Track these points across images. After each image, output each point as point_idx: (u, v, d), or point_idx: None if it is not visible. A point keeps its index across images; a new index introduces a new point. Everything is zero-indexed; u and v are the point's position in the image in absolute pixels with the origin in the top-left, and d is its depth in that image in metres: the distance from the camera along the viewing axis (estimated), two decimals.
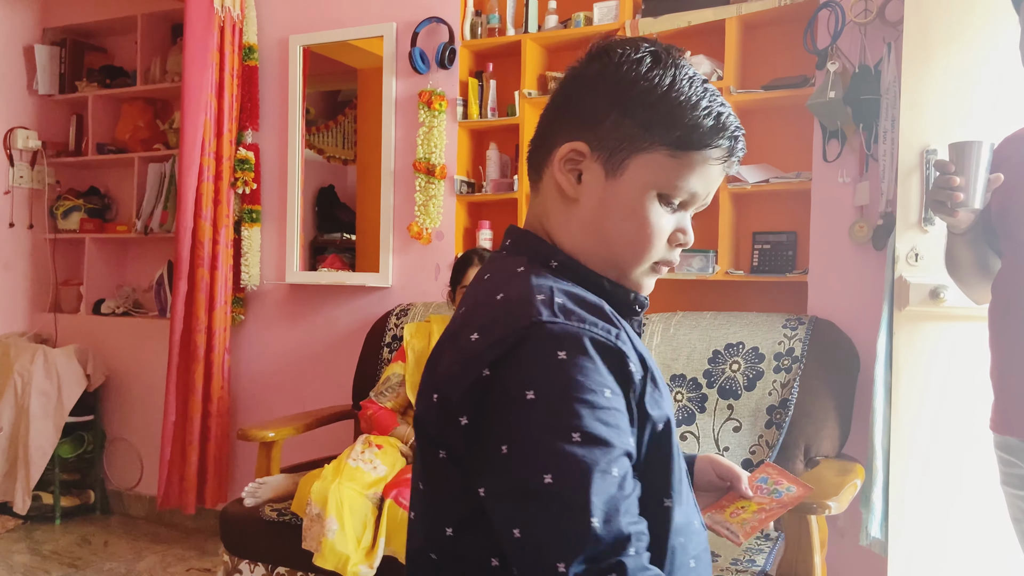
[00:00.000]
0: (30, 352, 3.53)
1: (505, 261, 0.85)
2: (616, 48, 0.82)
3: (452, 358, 0.77)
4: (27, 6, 3.97)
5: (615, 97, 0.80)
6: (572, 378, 0.71)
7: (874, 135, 2.33)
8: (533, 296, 0.76)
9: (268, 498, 2.38)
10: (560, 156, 0.83)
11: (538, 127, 0.88)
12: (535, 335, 0.72)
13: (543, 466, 0.69)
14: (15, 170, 3.89)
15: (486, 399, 0.73)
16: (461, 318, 0.81)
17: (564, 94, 0.85)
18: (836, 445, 2.25)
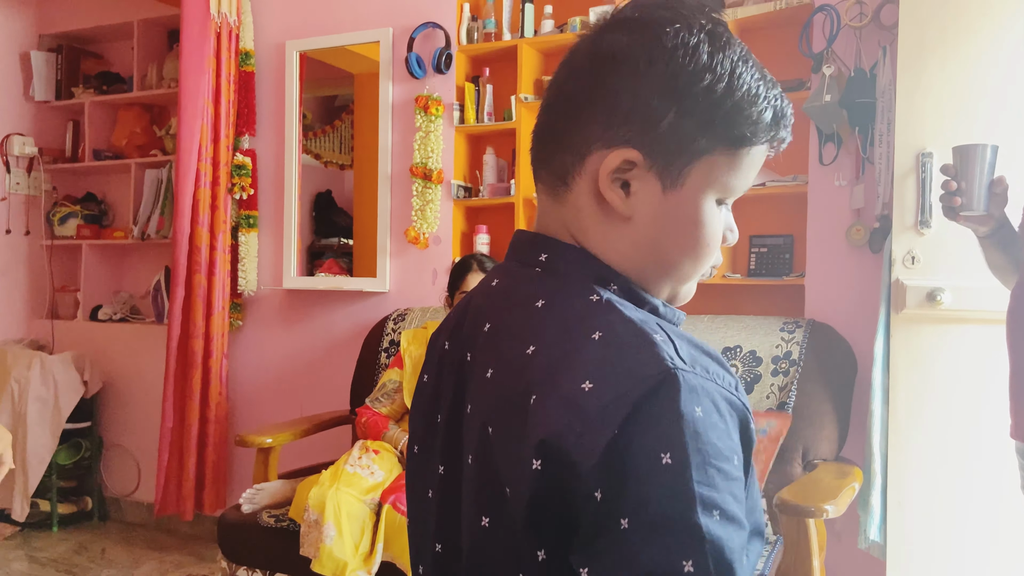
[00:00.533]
0: (27, 359, 3.52)
1: (560, 285, 0.70)
2: (664, 24, 0.67)
3: (558, 413, 0.61)
4: (23, 12, 3.96)
5: (673, 92, 0.66)
6: (711, 442, 0.59)
7: (870, 138, 2.34)
8: (650, 337, 0.62)
9: (266, 504, 2.38)
10: (609, 168, 0.68)
11: (553, 119, 0.72)
12: (669, 386, 0.59)
13: (681, 549, 0.56)
14: (11, 176, 3.88)
15: (612, 464, 0.58)
16: (533, 362, 0.66)
17: (593, 79, 0.68)
18: (834, 448, 2.25)
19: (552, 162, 0.72)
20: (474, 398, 0.72)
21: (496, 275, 0.78)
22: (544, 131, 0.73)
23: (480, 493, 0.68)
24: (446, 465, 0.76)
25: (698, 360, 0.63)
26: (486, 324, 0.73)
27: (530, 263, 0.73)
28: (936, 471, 2.05)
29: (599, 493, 0.59)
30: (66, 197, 4.00)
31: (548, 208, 0.74)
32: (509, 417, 0.65)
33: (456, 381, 0.76)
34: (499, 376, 0.68)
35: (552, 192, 0.73)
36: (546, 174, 0.73)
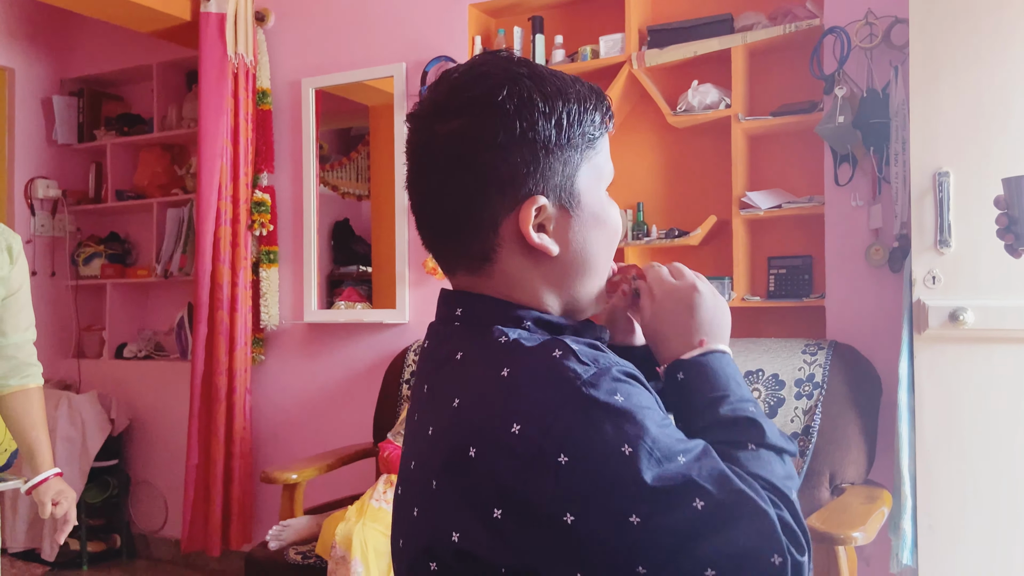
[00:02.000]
0: (54, 399, 3.57)
1: (475, 335, 0.75)
2: (494, 93, 0.73)
3: (501, 463, 0.66)
4: (45, 58, 4.06)
5: (534, 142, 0.73)
6: (642, 411, 0.66)
7: (885, 158, 2.33)
8: (550, 358, 0.68)
9: (292, 540, 2.39)
10: (527, 223, 0.74)
11: (445, 218, 0.76)
12: (586, 394, 0.66)
13: (684, 500, 0.64)
14: (36, 219, 3.96)
15: (578, 484, 0.64)
16: (460, 416, 0.71)
17: (464, 168, 0.74)
18: (862, 471, 2.23)
19: (465, 252, 0.77)
20: (418, 456, 0.76)
21: (427, 336, 0.83)
22: (441, 231, 0.78)
23: (426, 542, 0.72)
24: (399, 517, 0.81)
25: (595, 355, 0.69)
26: (424, 386, 0.78)
27: (450, 319, 0.79)
28: (966, 493, 2.02)
29: (570, 517, 0.65)
30: (90, 237, 4.07)
31: (471, 285, 0.79)
32: (452, 472, 0.70)
33: (406, 441, 0.82)
34: (436, 433, 0.73)
35: (476, 272, 0.77)
36: (464, 262, 0.78)
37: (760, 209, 2.54)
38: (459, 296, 0.78)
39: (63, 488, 1.71)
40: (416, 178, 0.78)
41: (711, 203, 2.73)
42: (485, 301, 0.76)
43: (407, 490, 0.77)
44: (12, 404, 1.72)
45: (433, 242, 0.80)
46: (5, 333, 1.69)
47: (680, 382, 0.78)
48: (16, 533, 3.56)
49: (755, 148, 2.69)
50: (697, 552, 0.64)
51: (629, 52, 2.73)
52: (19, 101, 3.95)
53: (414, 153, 0.78)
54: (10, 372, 1.71)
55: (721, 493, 0.65)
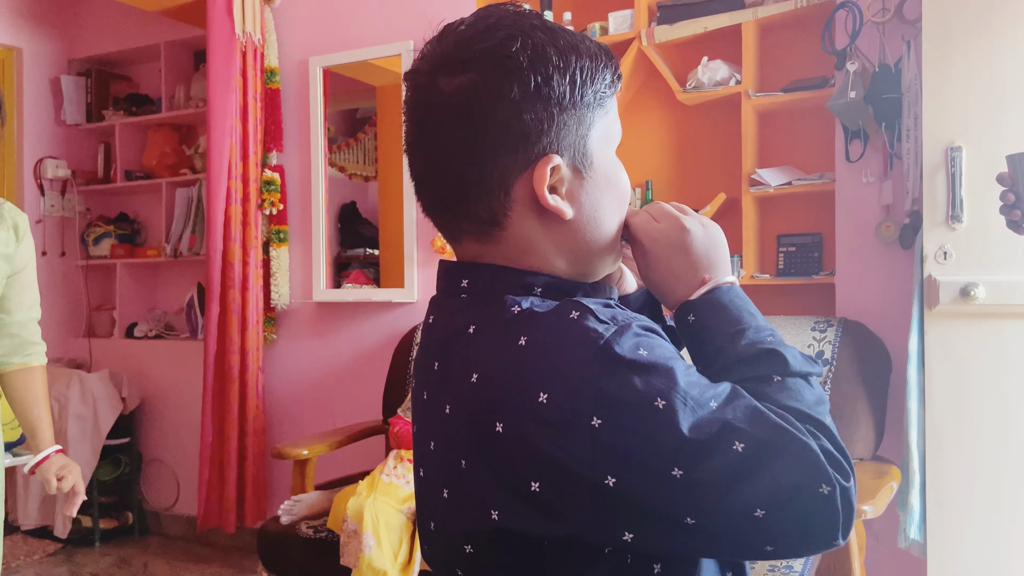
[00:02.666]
0: (66, 377, 3.60)
1: (485, 306, 0.72)
2: (506, 45, 0.70)
3: (532, 433, 0.64)
4: (52, 38, 4.06)
5: (547, 98, 0.70)
6: (670, 365, 0.65)
7: (897, 134, 2.32)
8: (568, 319, 0.66)
9: (304, 515, 2.41)
10: (542, 183, 0.71)
11: (452, 178, 0.73)
12: (611, 352, 0.64)
13: (724, 444, 0.62)
14: (46, 199, 3.97)
15: (617, 444, 0.63)
16: (480, 392, 0.68)
17: (474, 124, 0.70)
18: (871, 447, 2.23)
19: (474, 216, 0.73)
20: (437, 435, 0.74)
21: (430, 310, 0.80)
22: (446, 195, 0.74)
23: (460, 522, 0.72)
24: (420, 498, 0.80)
25: (612, 312, 0.68)
26: (434, 363, 0.75)
27: (455, 291, 0.76)
28: (975, 468, 2.02)
29: (611, 479, 0.63)
30: (99, 218, 4.08)
31: (478, 253, 0.75)
32: (481, 448, 0.68)
33: (417, 419, 0.79)
34: (457, 411, 0.71)
35: (484, 238, 0.74)
36: (471, 227, 0.74)
37: (770, 186, 2.53)
38: (463, 267, 0.75)
39: (66, 462, 1.72)
40: (417, 139, 0.74)
41: (720, 181, 2.72)
42: (492, 270, 0.73)
43: (430, 471, 0.76)
44: (15, 382, 1.73)
45: (436, 207, 0.75)
46: (9, 311, 1.70)
47: (692, 324, 0.75)
48: (28, 510, 3.60)
49: (765, 125, 2.68)
50: (744, 494, 0.62)
51: (638, 28, 2.71)
52: (27, 81, 3.95)
53: (415, 112, 0.74)
54: (13, 350, 1.72)
55: (759, 431, 0.63)
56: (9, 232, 1.67)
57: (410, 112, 0.74)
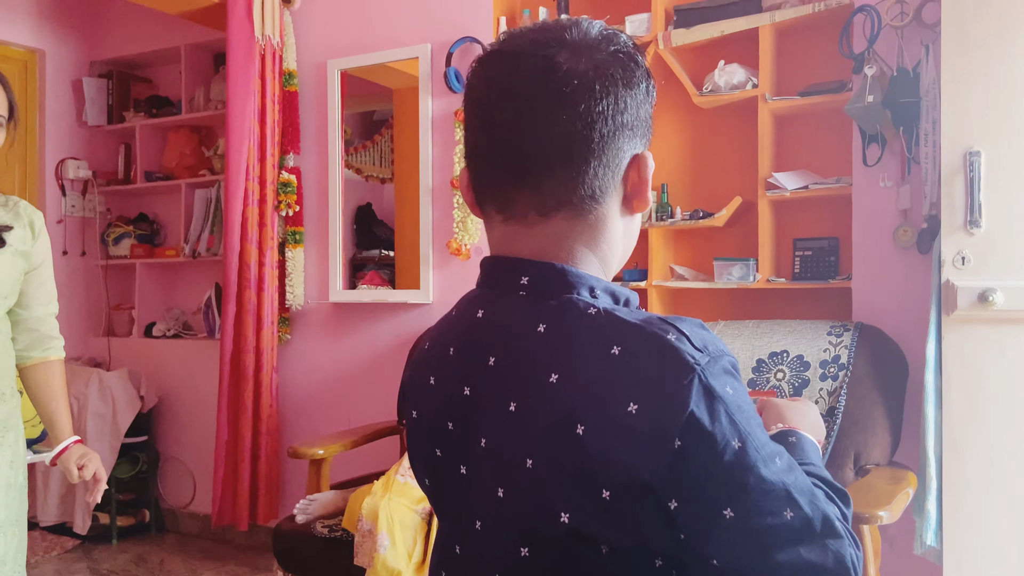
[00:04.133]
0: (85, 376, 3.64)
1: (554, 305, 0.72)
2: (630, 50, 0.75)
3: (615, 441, 0.65)
4: (75, 41, 4.11)
5: (648, 97, 0.77)
6: (746, 406, 0.67)
7: (915, 138, 2.31)
8: (664, 340, 0.67)
9: (319, 514, 2.42)
10: (650, 169, 0.76)
11: (557, 144, 0.72)
12: (706, 383, 0.65)
13: (779, 507, 0.66)
14: (67, 199, 4.02)
15: (689, 470, 0.64)
16: (562, 392, 0.68)
17: (605, 95, 0.72)
18: (887, 453, 2.22)
19: (586, 183, 0.72)
20: (494, 433, 0.73)
21: (477, 305, 0.78)
22: (560, 162, 0.72)
23: (520, 523, 0.71)
24: (461, 495, 0.78)
25: (704, 339, 0.68)
26: (489, 358, 0.74)
27: (511, 288, 0.75)
28: (992, 475, 2.01)
29: (674, 503, 0.65)
30: (119, 218, 4.13)
31: (564, 232, 0.74)
32: (556, 450, 0.67)
33: (455, 417, 0.77)
34: (527, 409, 0.70)
35: (580, 213, 0.74)
36: (573, 199, 0.73)
37: (786, 190, 2.52)
38: (522, 264, 0.74)
39: (85, 451, 1.75)
40: (524, 103, 0.72)
41: (736, 184, 2.72)
42: (553, 270, 0.73)
43: (480, 469, 0.74)
44: (34, 376, 1.77)
45: (543, 172, 0.72)
46: (28, 306, 1.73)
47: (790, 443, 0.81)
48: (48, 507, 3.65)
49: (782, 128, 2.67)
50: (776, 557, 0.65)
51: (655, 32, 2.72)
52: (50, 83, 4.00)
53: (521, 80, 0.72)
54: (32, 344, 1.75)
55: (809, 510, 0.67)
56: (26, 230, 1.70)
57: (514, 83, 0.72)
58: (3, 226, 1.66)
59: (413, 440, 0.84)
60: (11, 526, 1.68)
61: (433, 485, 0.82)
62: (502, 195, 0.75)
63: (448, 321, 0.82)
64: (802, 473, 0.70)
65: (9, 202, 1.72)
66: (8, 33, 3.82)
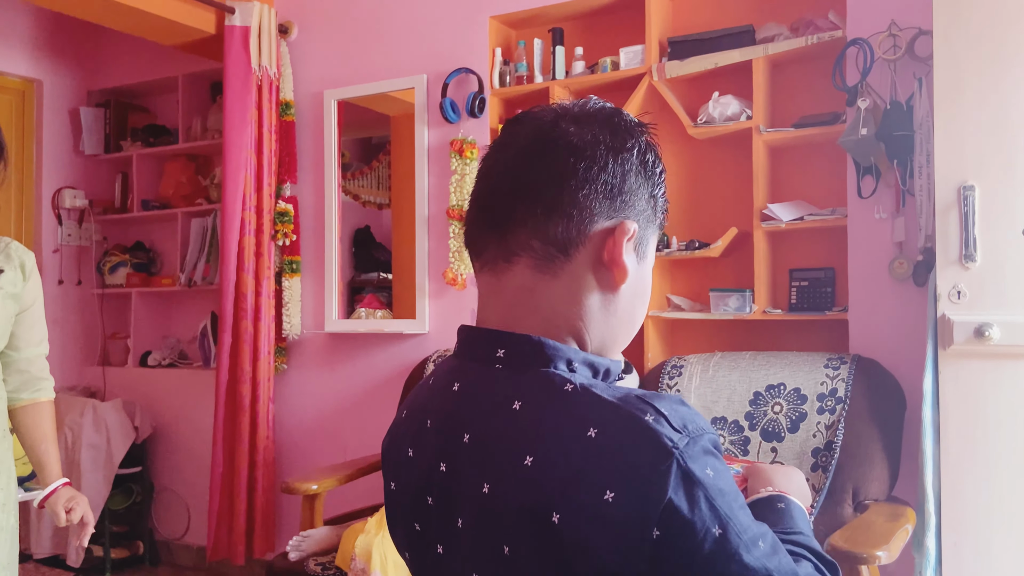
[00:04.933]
0: (80, 406, 3.62)
1: (530, 380, 0.71)
2: (629, 124, 0.77)
3: (591, 531, 0.63)
4: (72, 70, 4.13)
5: (645, 176, 0.76)
6: (728, 489, 0.65)
7: (909, 170, 2.31)
8: (642, 421, 0.65)
9: (313, 551, 2.40)
10: (626, 236, 0.73)
11: (536, 189, 0.73)
12: (685, 467, 0.63)
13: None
14: (63, 228, 4.02)
15: (668, 560, 0.62)
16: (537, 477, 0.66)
17: (583, 158, 0.72)
18: (885, 488, 2.20)
19: (549, 232, 0.72)
20: (470, 514, 0.71)
21: (453, 377, 0.77)
22: (529, 207, 0.73)
23: None
24: (439, 574, 0.76)
25: (683, 417, 0.66)
26: (464, 434, 0.72)
27: (487, 360, 0.74)
28: (992, 510, 1.99)
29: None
30: (116, 246, 4.13)
31: (529, 285, 0.74)
32: (533, 538, 0.65)
33: (433, 493, 0.75)
34: (502, 492, 0.68)
35: (545, 264, 0.73)
36: (536, 248, 0.73)
37: (782, 221, 2.52)
38: (498, 336, 0.73)
39: (73, 494, 1.74)
40: (512, 156, 0.75)
41: (732, 215, 2.72)
42: (530, 343, 0.71)
43: (454, 550, 0.73)
44: (23, 418, 1.76)
45: (502, 222, 0.74)
46: (18, 348, 1.72)
47: (779, 509, 0.81)
48: (41, 539, 3.61)
49: (776, 160, 2.68)
50: None
51: (649, 64, 2.73)
52: (47, 112, 4.01)
53: (520, 140, 0.75)
54: (22, 386, 1.74)
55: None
56: (16, 272, 1.69)
57: (512, 140, 0.76)
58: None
59: (392, 512, 0.82)
60: (2, 570, 1.66)
61: (413, 560, 0.80)
62: (478, 243, 0.77)
63: (426, 390, 0.80)
64: (786, 555, 0.67)
65: (0, 243, 1.71)
66: (5, 63, 3.84)
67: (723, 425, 2.39)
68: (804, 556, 0.73)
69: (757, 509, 0.81)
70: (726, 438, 2.37)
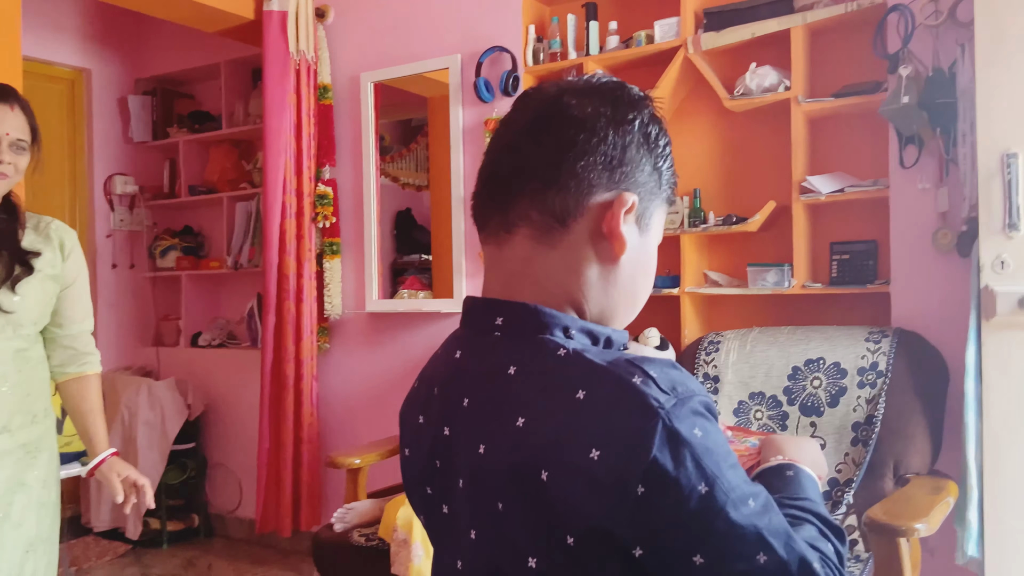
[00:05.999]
0: (135, 385, 3.75)
1: (524, 346, 0.72)
2: (633, 96, 0.77)
3: (577, 488, 0.64)
4: (120, 60, 4.24)
5: (648, 147, 0.76)
6: (717, 448, 0.65)
7: (953, 139, 2.25)
8: (629, 383, 0.66)
9: (356, 523, 2.47)
10: (624, 208, 0.73)
11: (538, 162, 0.74)
12: (670, 427, 0.64)
13: (751, 550, 0.64)
14: (116, 214, 4.15)
15: (653, 517, 0.63)
16: (527, 437, 0.68)
17: (584, 130, 0.73)
18: (927, 462, 2.17)
19: (547, 206, 0.73)
20: (468, 474, 0.74)
21: (456, 346, 0.80)
22: (528, 178, 0.74)
23: (491, 566, 0.71)
24: (445, 533, 0.79)
25: (672, 380, 0.67)
26: (464, 399, 0.75)
27: (486, 329, 0.76)
28: None
29: (639, 551, 0.64)
30: (165, 231, 4.25)
31: (526, 255, 0.75)
32: (523, 495, 0.68)
33: (439, 456, 0.78)
34: (495, 452, 0.71)
35: (543, 235, 0.74)
36: (535, 217, 0.74)
37: (821, 194, 2.48)
38: (498, 305, 0.75)
39: (124, 464, 1.80)
40: (516, 131, 0.76)
41: (770, 188, 2.68)
42: (527, 311, 0.73)
43: (458, 509, 0.75)
44: (70, 391, 1.81)
45: (503, 192, 0.75)
46: (61, 324, 1.77)
47: (787, 477, 0.83)
48: (100, 513, 3.77)
49: (816, 131, 2.63)
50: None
51: (685, 36, 2.70)
52: (97, 101, 4.13)
53: (522, 113, 0.77)
54: (68, 361, 1.80)
55: (784, 552, 0.65)
56: (56, 252, 1.73)
57: (516, 114, 0.78)
58: (32, 252, 1.68)
59: (407, 478, 0.86)
60: (42, 544, 1.72)
61: (428, 522, 0.83)
62: (482, 215, 0.78)
63: (435, 359, 0.83)
64: (779, 516, 0.67)
65: (41, 223, 1.75)
66: (56, 54, 3.96)
67: (761, 400, 2.38)
68: (808, 520, 0.73)
69: (766, 477, 0.82)
70: (764, 413, 2.36)
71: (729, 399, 2.41)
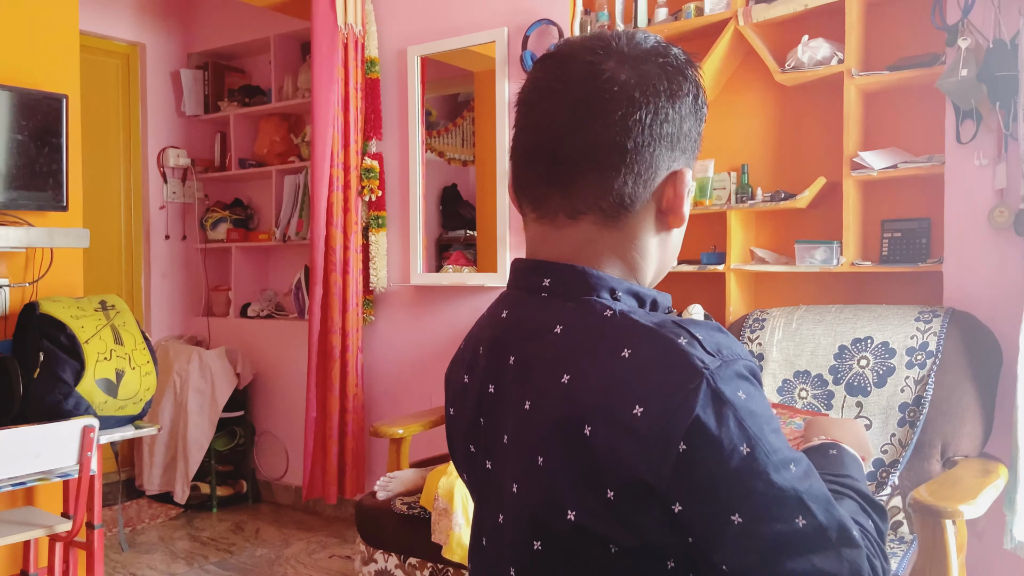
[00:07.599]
0: (187, 354, 3.85)
1: (571, 307, 0.73)
2: (682, 61, 0.75)
3: (620, 442, 0.65)
4: (173, 35, 4.31)
5: (696, 115, 0.76)
6: (761, 412, 0.66)
7: (1013, 113, 2.18)
8: (674, 343, 0.66)
9: (399, 492, 2.51)
10: (686, 185, 0.75)
11: (591, 149, 0.72)
12: (715, 387, 0.64)
13: (790, 513, 0.64)
14: (168, 186, 4.24)
15: (693, 475, 0.64)
16: (572, 393, 0.69)
17: (647, 106, 0.72)
18: (977, 444, 2.13)
19: (616, 191, 0.73)
20: (513, 430, 0.75)
21: (503, 306, 0.80)
22: (591, 167, 0.72)
23: (532, 518, 0.72)
24: (489, 489, 0.80)
25: (718, 343, 0.67)
26: (509, 357, 0.76)
27: (534, 289, 0.77)
28: None
29: (678, 506, 0.65)
30: (216, 203, 4.33)
31: (591, 237, 0.75)
32: (565, 448, 0.69)
33: (484, 413, 0.79)
34: (540, 408, 0.71)
35: (609, 220, 0.74)
36: (602, 204, 0.73)
37: (873, 170, 2.43)
38: (544, 266, 0.76)
39: None
40: (564, 105, 0.73)
41: (820, 164, 2.63)
42: (575, 271, 0.74)
43: (500, 465, 0.77)
44: None
45: (569, 171, 0.73)
46: None
47: (831, 455, 0.83)
48: (152, 477, 3.90)
49: (870, 105, 2.57)
50: (787, 565, 0.64)
51: (735, 8, 2.64)
52: (150, 75, 4.22)
53: (567, 84, 0.73)
54: None
55: (824, 517, 0.65)
56: None
57: (560, 85, 0.74)
58: None
59: (452, 437, 0.87)
60: None
61: (470, 480, 0.85)
62: (535, 195, 0.77)
63: (481, 321, 0.84)
64: (819, 481, 0.67)
65: None
66: (112, 28, 4.04)
67: (806, 379, 2.35)
68: (849, 495, 0.73)
69: (809, 455, 0.81)
70: (809, 392, 2.34)
71: (773, 377, 2.39)
